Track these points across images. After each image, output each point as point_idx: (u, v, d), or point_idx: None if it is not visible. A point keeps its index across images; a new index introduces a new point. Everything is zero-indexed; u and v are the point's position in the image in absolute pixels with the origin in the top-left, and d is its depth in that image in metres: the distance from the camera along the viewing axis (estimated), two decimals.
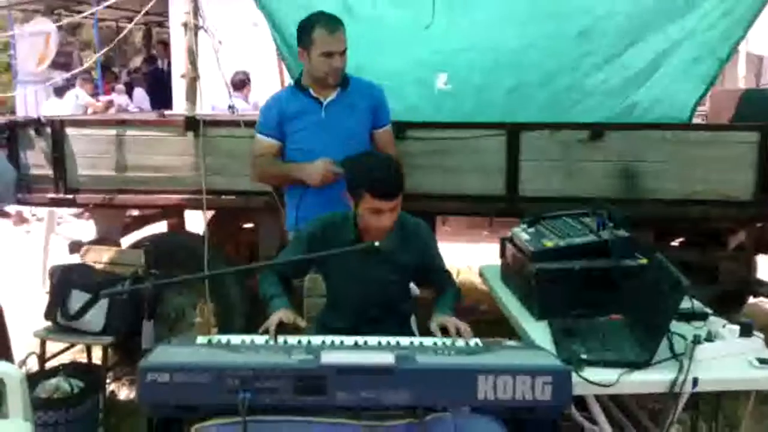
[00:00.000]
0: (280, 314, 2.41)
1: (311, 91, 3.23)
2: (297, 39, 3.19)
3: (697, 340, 2.34)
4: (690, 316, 2.63)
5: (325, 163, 3.05)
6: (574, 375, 2.08)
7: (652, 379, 2.29)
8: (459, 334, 2.36)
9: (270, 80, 7.74)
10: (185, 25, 3.72)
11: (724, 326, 2.52)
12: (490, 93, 4.05)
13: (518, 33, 4.05)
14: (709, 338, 2.42)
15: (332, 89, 3.23)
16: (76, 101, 9.45)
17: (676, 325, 2.47)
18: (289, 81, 4.30)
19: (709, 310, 2.78)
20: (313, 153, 3.14)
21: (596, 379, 2.24)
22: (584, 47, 4.05)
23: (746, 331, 2.48)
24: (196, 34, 3.72)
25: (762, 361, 2.35)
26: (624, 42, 4.02)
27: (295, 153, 3.23)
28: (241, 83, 7.26)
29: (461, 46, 4.09)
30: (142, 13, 6.07)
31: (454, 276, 2.86)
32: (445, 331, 2.40)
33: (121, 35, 9.28)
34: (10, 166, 3.77)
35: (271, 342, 2.26)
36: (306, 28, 3.13)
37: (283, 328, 2.37)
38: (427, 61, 4.14)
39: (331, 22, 3.11)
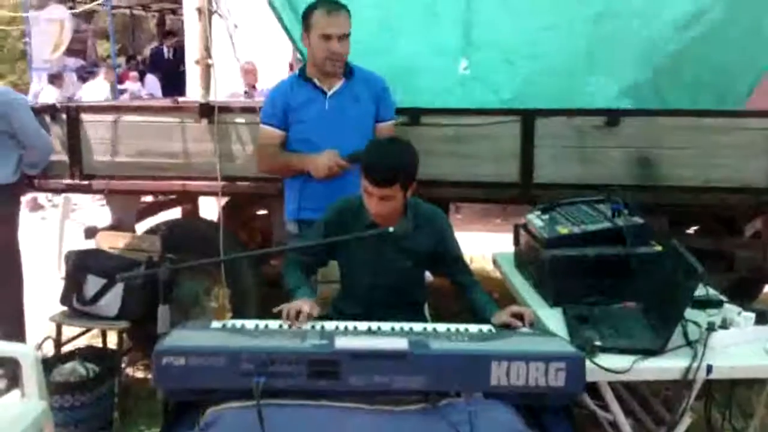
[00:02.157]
0: (309, 306, 2.36)
1: (316, 81, 3.12)
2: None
3: (711, 328, 2.34)
4: (705, 304, 2.63)
5: (332, 155, 2.98)
6: (587, 361, 2.08)
7: (666, 366, 2.28)
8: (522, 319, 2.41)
9: (283, 66, 7.74)
10: (199, 9, 3.72)
11: (739, 314, 2.50)
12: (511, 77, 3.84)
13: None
14: (724, 326, 2.40)
15: (336, 79, 3.12)
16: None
17: (690, 313, 2.46)
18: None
19: (724, 298, 2.76)
20: (316, 144, 3.07)
21: (610, 365, 2.23)
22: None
23: (761, 319, 2.46)
24: (210, 19, 3.71)
25: None
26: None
27: (299, 144, 3.14)
28: None
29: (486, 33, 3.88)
30: None
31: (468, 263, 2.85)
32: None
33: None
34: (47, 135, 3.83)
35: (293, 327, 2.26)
36: (307, 11, 3.04)
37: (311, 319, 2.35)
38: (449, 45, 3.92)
39: (331, 4, 3.01)
